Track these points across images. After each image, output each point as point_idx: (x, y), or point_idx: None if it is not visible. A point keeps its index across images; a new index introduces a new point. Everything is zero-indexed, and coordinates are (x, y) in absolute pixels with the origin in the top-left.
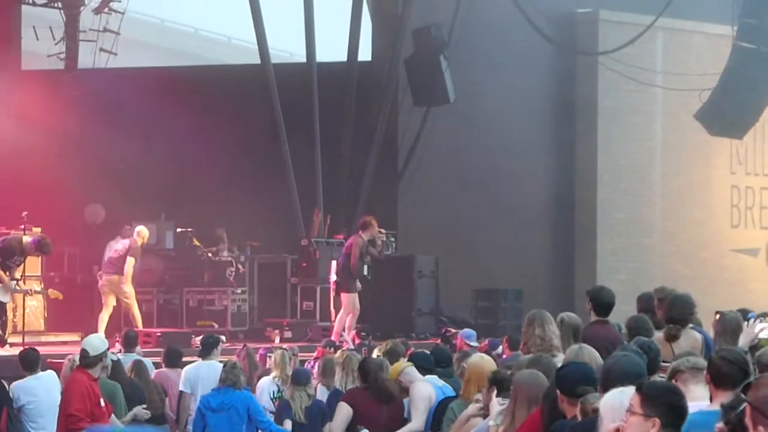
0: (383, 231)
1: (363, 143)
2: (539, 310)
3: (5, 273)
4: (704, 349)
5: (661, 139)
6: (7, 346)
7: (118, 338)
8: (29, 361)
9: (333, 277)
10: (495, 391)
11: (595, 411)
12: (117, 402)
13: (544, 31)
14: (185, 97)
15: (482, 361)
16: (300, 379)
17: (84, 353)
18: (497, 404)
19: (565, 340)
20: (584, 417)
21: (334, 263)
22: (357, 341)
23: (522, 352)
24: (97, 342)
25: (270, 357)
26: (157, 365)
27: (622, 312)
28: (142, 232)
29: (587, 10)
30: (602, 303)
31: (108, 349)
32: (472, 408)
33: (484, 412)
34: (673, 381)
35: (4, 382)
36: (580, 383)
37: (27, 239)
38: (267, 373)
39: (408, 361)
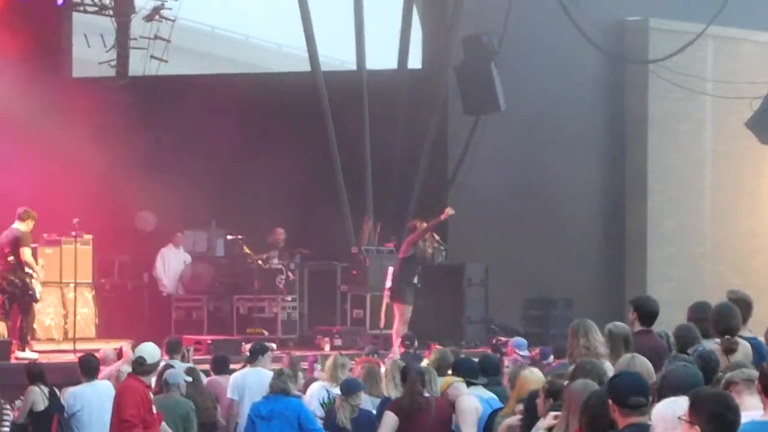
0: (437, 238)
1: (413, 151)
2: (582, 320)
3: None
4: (755, 357)
5: (711, 148)
6: (33, 349)
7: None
8: (89, 368)
9: (388, 284)
10: (551, 402)
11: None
12: (189, 420)
13: (593, 40)
14: (235, 105)
15: (531, 375)
16: (349, 389)
17: (141, 360)
18: (551, 418)
19: (616, 350)
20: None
21: (390, 269)
22: (402, 350)
23: (568, 363)
24: (153, 350)
25: (317, 365)
26: (206, 373)
27: (674, 321)
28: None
29: (637, 18)
30: (648, 312)
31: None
32: (513, 419)
33: (528, 421)
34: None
35: (56, 389)
36: (632, 393)
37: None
38: (316, 380)
39: (453, 368)
